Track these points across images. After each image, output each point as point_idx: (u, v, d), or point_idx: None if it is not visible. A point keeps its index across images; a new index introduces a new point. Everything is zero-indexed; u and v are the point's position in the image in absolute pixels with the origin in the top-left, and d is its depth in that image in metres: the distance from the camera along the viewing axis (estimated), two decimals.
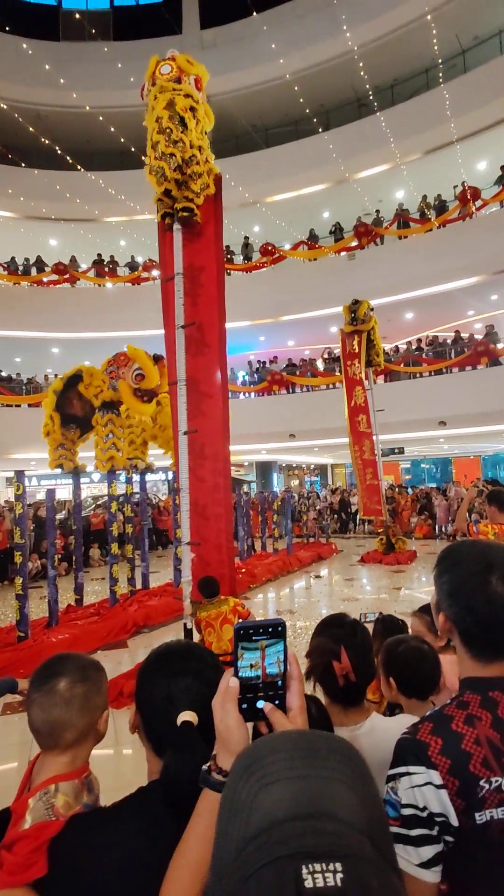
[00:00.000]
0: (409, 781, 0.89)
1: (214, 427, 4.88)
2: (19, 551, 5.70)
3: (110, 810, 0.96)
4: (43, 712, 1.06)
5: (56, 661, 1.14)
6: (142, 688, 1.02)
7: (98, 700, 1.11)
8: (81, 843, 0.90)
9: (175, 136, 4.58)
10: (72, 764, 1.07)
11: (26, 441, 14.55)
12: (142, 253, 19.24)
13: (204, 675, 0.99)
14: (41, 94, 17.96)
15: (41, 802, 1.00)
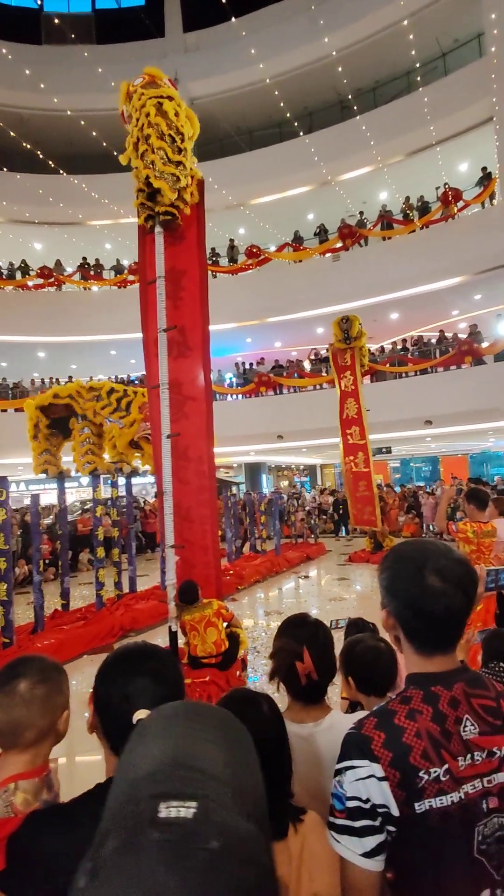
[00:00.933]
0: (353, 775, 0.93)
1: (198, 429, 4.90)
2: (3, 557, 5.68)
3: (66, 806, 0.99)
4: (3, 713, 1.09)
5: (18, 663, 1.16)
6: (100, 688, 1.04)
7: (58, 700, 1.14)
8: (38, 838, 0.93)
9: (179, 144, 4.62)
10: (32, 763, 1.10)
11: (13, 446, 14.46)
12: (127, 256, 19.21)
13: (162, 675, 1.02)
14: (23, 97, 17.89)
15: (0, 801, 1.03)
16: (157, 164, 4.48)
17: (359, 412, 11.51)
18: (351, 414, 11.59)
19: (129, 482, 8.31)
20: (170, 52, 18.72)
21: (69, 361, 19.95)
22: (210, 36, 18.89)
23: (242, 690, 1.26)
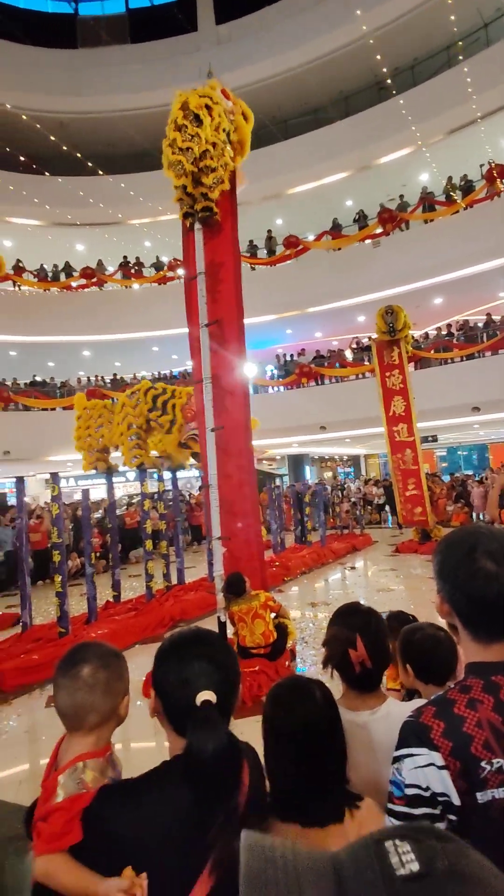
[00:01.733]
0: (412, 762, 0.92)
1: (237, 423, 4.93)
2: (57, 550, 5.89)
3: (134, 782, 1.04)
4: (68, 696, 1.15)
5: (80, 650, 1.22)
6: (159, 673, 1.09)
7: (119, 686, 1.19)
8: (110, 811, 1.00)
9: (191, 131, 4.66)
10: (96, 744, 1.16)
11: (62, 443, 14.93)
12: (166, 253, 19.42)
13: (217, 659, 1.07)
14: (62, 102, 18.29)
15: (71, 778, 1.09)
16: (178, 141, 4.54)
17: (407, 409, 11.15)
18: (398, 411, 11.25)
19: (174, 476, 8.45)
20: (203, 46, 18.71)
21: (113, 359, 20.39)
22: (243, 26, 18.76)
23: (295, 678, 1.28)
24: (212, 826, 0.94)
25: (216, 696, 1.01)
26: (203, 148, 4.68)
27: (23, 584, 6.09)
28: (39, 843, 1.03)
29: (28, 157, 17.54)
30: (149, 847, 0.96)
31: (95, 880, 0.96)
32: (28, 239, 19.65)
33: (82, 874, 0.98)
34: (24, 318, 17.56)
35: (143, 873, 0.93)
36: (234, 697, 1.09)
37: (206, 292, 4.71)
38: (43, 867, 1.01)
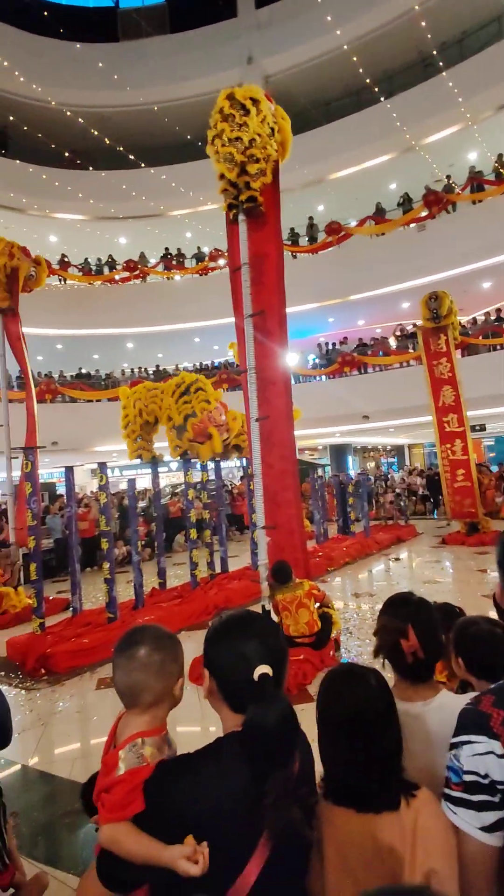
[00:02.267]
0: (470, 749, 0.91)
1: (279, 413, 4.93)
2: (105, 538, 6.05)
3: (192, 756, 1.08)
4: (125, 675, 1.20)
5: (136, 632, 1.26)
6: (213, 653, 1.13)
7: (173, 667, 1.23)
8: (170, 783, 1.04)
9: (239, 120, 4.65)
10: (151, 723, 1.21)
11: (107, 434, 15.27)
12: (207, 243, 19.47)
13: (267, 637, 1.12)
14: (104, 96, 18.50)
15: (131, 753, 1.14)
16: (226, 133, 4.55)
17: (457, 399, 10.81)
18: (448, 401, 10.93)
19: (218, 466, 8.52)
20: (243, 32, 18.50)
21: (156, 351, 20.67)
22: (283, 8, 18.43)
23: (349, 665, 1.27)
24: (264, 797, 0.98)
25: (273, 669, 1.06)
26: (251, 136, 4.66)
27: (73, 570, 6.29)
28: (104, 812, 1.09)
29: (72, 153, 17.88)
30: (208, 818, 1.00)
31: (159, 847, 1.00)
32: (72, 233, 20.08)
33: (146, 841, 1.03)
34: (69, 312, 18.00)
35: (204, 842, 0.97)
36: (284, 675, 1.13)
37: (252, 283, 4.71)
38: (109, 835, 1.06)
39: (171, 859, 0.97)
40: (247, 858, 0.99)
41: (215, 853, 0.96)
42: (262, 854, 0.99)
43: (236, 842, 1.00)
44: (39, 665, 5.19)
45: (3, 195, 17.61)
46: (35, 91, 17.01)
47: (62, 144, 17.93)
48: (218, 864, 0.96)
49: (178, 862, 0.96)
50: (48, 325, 17.57)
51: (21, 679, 5.15)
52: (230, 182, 4.82)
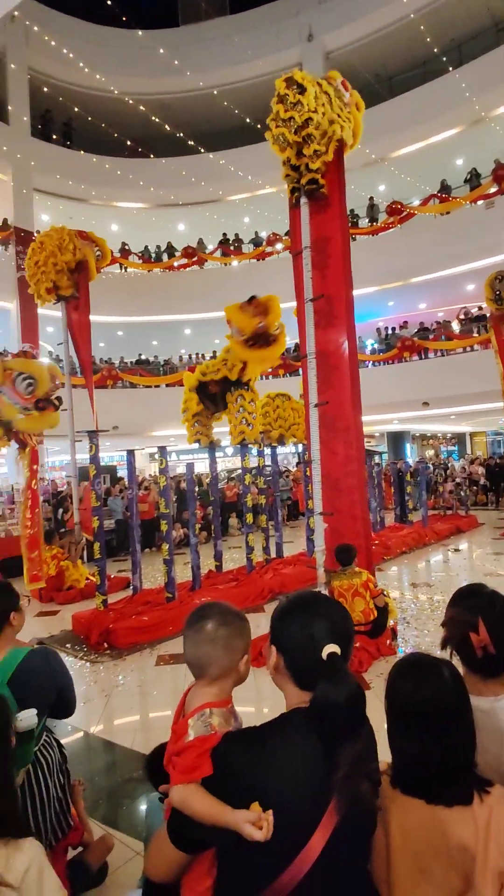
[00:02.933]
0: None
1: (344, 399, 4.86)
2: (165, 520, 6.20)
3: (259, 729, 1.12)
4: (193, 647, 1.27)
5: (206, 607, 1.32)
6: (281, 629, 1.16)
7: (238, 643, 1.27)
8: (237, 752, 1.08)
9: (292, 99, 4.56)
10: (219, 695, 1.26)
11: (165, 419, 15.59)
12: (265, 227, 19.33)
13: (335, 617, 1.14)
14: (165, 83, 18.58)
15: (200, 721, 1.20)
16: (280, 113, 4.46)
17: None
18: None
19: (274, 452, 8.53)
20: (303, 8, 18.04)
21: (213, 336, 20.79)
22: None
23: (420, 655, 1.25)
24: (334, 771, 1.00)
25: (341, 648, 1.08)
26: (305, 116, 4.56)
27: (134, 551, 6.49)
28: (175, 774, 1.15)
29: (134, 142, 18.11)
30: (273, 788, 1.03)
31: (226, 809, 1.05)
32: (133, 222, 20.43)
33: (214, 803, 1.07)
34: (129, 300, 18.39)
35: (270, 810, 1.00)
36: (350, 654, 1.15)
37: (313, 267, 4.65)
38: (179, 795, 1.12)
39: (236, 822, 1.01)
40: (311, 831, 1.01)
41: (280, 822, 0.99)
42: (327, 828, 1.01)
43: (301, 814, 1.02)
44: (102, 640, 5.42)
45: (68, 186, 18.12)
46: (99, 81, 17.30)
47: (124, 133, 18.19)
48: (282, 834, 0.99)
49: (242, 825, 1.00)
50: (109, 312, 18.02)
51: (86, 652, 5.40)
52: (291, 165, 4.76)
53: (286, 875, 1.00)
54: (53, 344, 17.92)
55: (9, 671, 1.78)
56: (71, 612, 6.32)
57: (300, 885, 0.99)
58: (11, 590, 1.94)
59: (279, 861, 1.01)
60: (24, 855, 1.23)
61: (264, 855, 1.00)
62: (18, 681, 1.78)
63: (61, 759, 2.04)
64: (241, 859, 1.04)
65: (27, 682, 1.79)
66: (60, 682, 1.96)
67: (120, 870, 2.40)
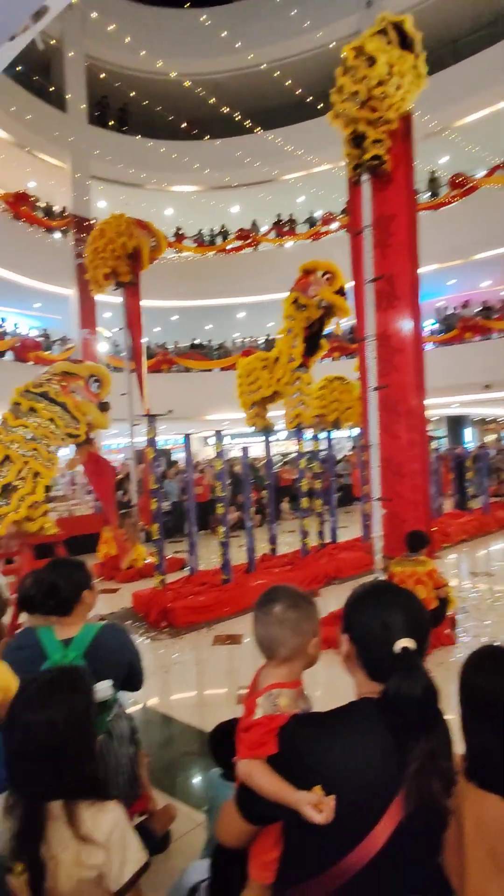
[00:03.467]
0: None
1: (407, 383, 4.72)
2: (221, 503, 6.27)
3: (326, 714, 1.12)
4: (263, 629, 1.29)
5: (276, 590, 1.33)
6: (354, 618, 1.15)
7: (307, 626, 1.29)
8: (304, 736, 1.09)
9: (360, 73, 4.37)
10: (288, 676, 1.28)
11: (219, 403, 15.71)
12: (319, 207, 18.93)
13: (412, 609, 1.12)
14: (220, 62, 18.38)
15: (268, 701, 1.23)
16: (347, 87, 4.27)
17: None
18: None
19: (329, 437, 8.45)
20: None
21: (266, 320, 20.68)
22: None
23: (494, 647, 1.23)
24: (405, 765, 1.00)
25: (417, 643, 1.07)
26: (372, 88, 4.36)
27: (191, 532, 6.62)
28: (242, 748, 1.18)
29: (188, 124, 18.07)
30: (337, 774, 1.03)
31: (288, 789, 1.06)
32: (187, 205, 20.47)
33: (278, 781, 1.09)
34: (183, 284, 18.50)
35: (332, 795, 1.00)
36: (426, 648, 1.13)
37: (376, 247, 4.50)
38: (245, 769, 1.15)
39: (298, 802, 1.02)
40: (375, 821, 1.00)
41: (342, 808, 0.99)
42: (393, 818, 1.00)
43: (365, 802, 1.02)
44: (161, 618, 5.58)
45: (124, 172, 18.32)
46: (155, 65, 17.32)
47: (179, 116, 18.17)
48: (344, 819, 0.99)
49: (303, 807, 1.01)
50: (164, 297, 18.22)
51: (146, 629, 5.58)
52: (354, 141, 4.57)
53: (347, 860, 1.00)
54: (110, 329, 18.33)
55: (84, 645, 1.86)
56: (130, 591, 6.53)
57: (362, 871, 1.00)
58: (85, 568, 2.01)
59: (340, 846, 1.01)
60: (109, 816, 1.29)
61: (325, 837, 1.01)
62: (93, 654, 1.85)
63: (131, 730, 2.12)
64: (304, 838, 1.06)
65: (101, 655, 1.86)
66: (131, 656, 2.03)
67: (182, 839, 2.48)
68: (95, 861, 1.25)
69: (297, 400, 7.14)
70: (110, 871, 1.26)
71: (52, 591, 1.90)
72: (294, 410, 7.09)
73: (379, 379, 4.61)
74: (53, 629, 1.90)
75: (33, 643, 1.86)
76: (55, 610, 1.92)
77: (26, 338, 15.77)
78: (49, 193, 17.69)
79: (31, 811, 1.24)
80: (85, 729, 1.32)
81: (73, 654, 1.82)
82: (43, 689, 1.30)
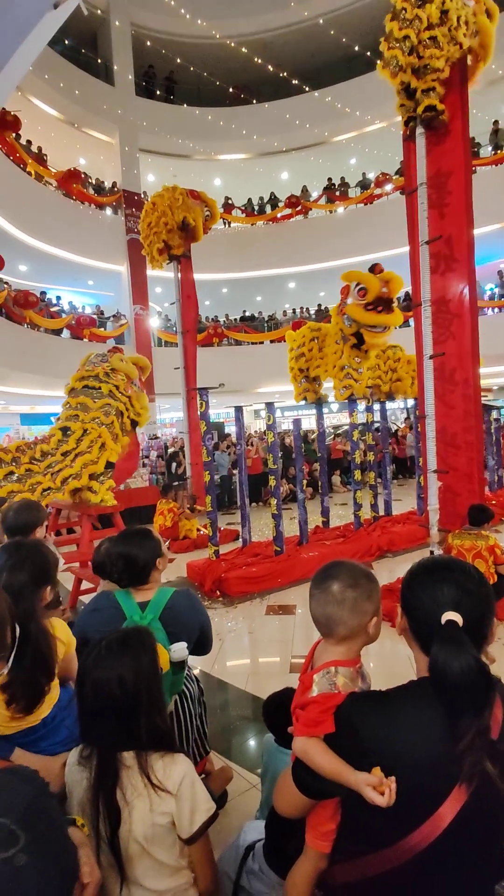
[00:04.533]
0: None
1: (464, 350, 4.51)
2: (273, 475, 6.28)
3: (385, 693, 1.10)
4: (319, 607, 1.26)
5: (334, 566, 1.29)
6: (409, 593, 1.13)
7: (367, 606, 1.25)
8: (361, 714, 1.08)
9: (409, 14, 4.09)
10: (346, 654, 1.26)
11: (271, 375, 15.61)
12: (373, 167, 18.16)
13: (467, 586, 1.07)
14: (266, 19, 17.74)
15: (325, 679, 1.21)
16: (394, 32, 4.00)
17: None
18: None
19: (383, 407, 8.25)
20: None
21: (318, 290, 20.26)
22: None
23: None
24: (456, 744, 0.97)
25: (466, 619, 1.03)
26: (424, 31, 4.07)
27: (242, 504, 6.68)
28: (298, 726, 1.17)
29: (236, 88, 17.62)
30: (395, 754, 1.01)
31: (347, 769, 1.06)
32: (235, 174, 20.13)
33: (335, 760, 1.08)
34: (233, 256, 18.33)
35: (392, 777, 0.98)
36: (487, 626, 1.08)
37: (432, 206, 4.27)
38: (301, 746, 1.15)
39: (357, 783, 1.01)
40: (438, 802, 0.98)
41: (404, 790, 0.97)
42: (457, 800, 0.98)
43: (427, 784, 1.00)
44: (215, 587, 5.71)
45: (172, 142, 18.15)
46: (201, 28, 16.89)
47: (226, 80, 17.74)
48: (407, 800, 0.98)
49: (364, 788, 1.00)
50: (214, 269, 18.16)
51: (200, 598, 5.72)
52: (406, 92, 4.31)
53: (411, 839, 0.99)
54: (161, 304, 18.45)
55: (160, 607, 1.93)
56: (185, 561, 6.70)
57: (427, 849, 0.99)
58: (155, 537, 2.06)
59: (401, 826, 1.00)
60: (180, 767, 1.36)
61: (386, 816, 0.99)
62: (168, 617, 1.92)
63: (200, 691, 2.19)
64: (364, 815, 1.05)
65: (176, 618, 1.93)
66: (203, 619, 2.09)
67: (237, 798, 2.57)
68: (168, 808, 1.32)
69: (345, 372, 6.99)
70: (181, 819, 1.34)
71: (128, 563, 1.97)
72: (343, 382, 6.95)
73: (435, 346, 4.43)
74: (131, 593, 1.98)
75: (112, 604, 1.94)
76: (132, 581, 2.00)
77: (81, 315, 16.14)
78: (99, 169, 17.81)
79: (105, 760, 1.31)
80: (152, 685, 1.38)
81: (150, 616, 1.89)
82: (112, 648, 1.36)
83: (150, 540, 2.01)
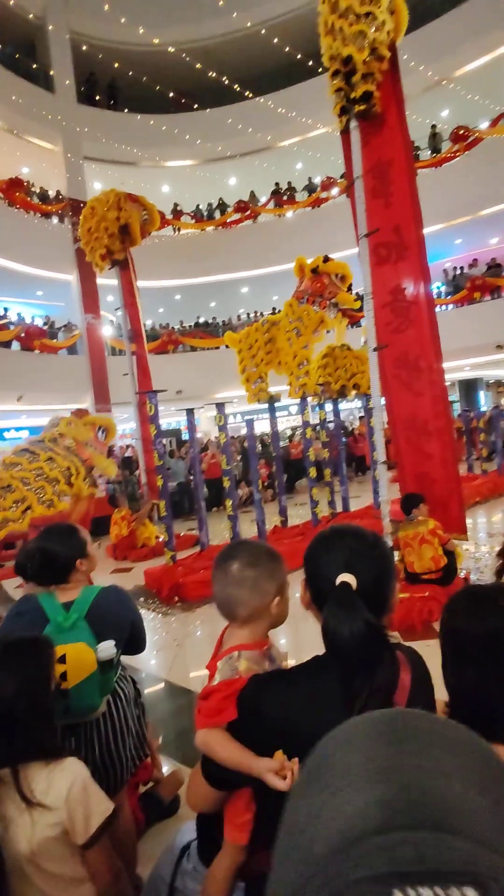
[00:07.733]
0: None
1: (424, 336, 4.55)
2: (227, 476, 6.23)
3: (286, 671, 1.09)
4: (220, 589, 1.22)
5: (233, 547, 1.26)
6: (308, 564, 1.10)
7: (268, 585, 1.20)
8: (262, 695, 1.04)
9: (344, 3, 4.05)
10: (251, 637, 1.21)
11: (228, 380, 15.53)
12: (319, 171, 18.44)
13: (362, 550, 1.04)
14: (208, 27, 17.84)
15: (227, 665, 1.17)
16: (345, 29, 4.00)
17: None
18: None
19: (336, 405, 8.32)
20: None
21: (271, 293, 20.39)
22: None
23: (475, 586, 1.18)
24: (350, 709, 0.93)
25: (360, 582, 0.99)
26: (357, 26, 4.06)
27: (198, 507, 6.60)
28: (200, 717, 1.14)
29: (178, 94, 17.61)
30: (305, 732, 0.95)
31: (249, 757, 1.02)
32: (183, 181, 20.09)
33: (237, 749, 1.05)
34: (184, 262, 18.25)
35: (295, 758, 0.95)
36: (386, 588, 1.04)
37: (377, 196, 4.29)
38: (202, 739, 1.12)
39: (259, 770, 0.98)
40: None
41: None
42: None
43: None
44: (173, 593, 5.60)
45: (117, 150, 17.97)
46: (140, 34, 16.85)
47: (168, 87, 17.71)
48: None
49: (265, 774, 0.97)
50: (166, 276, 18.05)
51: (158, 605, 5.61)
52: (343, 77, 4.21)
53: None
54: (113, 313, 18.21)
55: (85, 606, 1.84)
56: (143, 569, 6.56)
57: None
58: (82, 536, 1.97)
59: None
60: (67, 773, 1.31)
61: None
62: (94, 615, 1.83)
63: (136, 692, 2.12)
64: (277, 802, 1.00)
65: (103, 616, 1.85)
66: (133, 615, 2.00)
67: None
68: (55, 819, 1.26)
69: (304, 370, 7.05)
70: (75, 825, 1.28)
71: (46, 558, 1.87)
72: (300, 381, 7.00)
73: (395, 335, 4.47)
74: (54, 594, 1.88)
75: (34, 608, 1.84)
76: (51, 579, 1.90)
77: (31, 326, 15.75)
78: (43, 178, 17.48)
79: None
80: (38, 695, 1.32)
81: (75, 616, 1.80)
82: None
83: (74, 538, 1.93)
